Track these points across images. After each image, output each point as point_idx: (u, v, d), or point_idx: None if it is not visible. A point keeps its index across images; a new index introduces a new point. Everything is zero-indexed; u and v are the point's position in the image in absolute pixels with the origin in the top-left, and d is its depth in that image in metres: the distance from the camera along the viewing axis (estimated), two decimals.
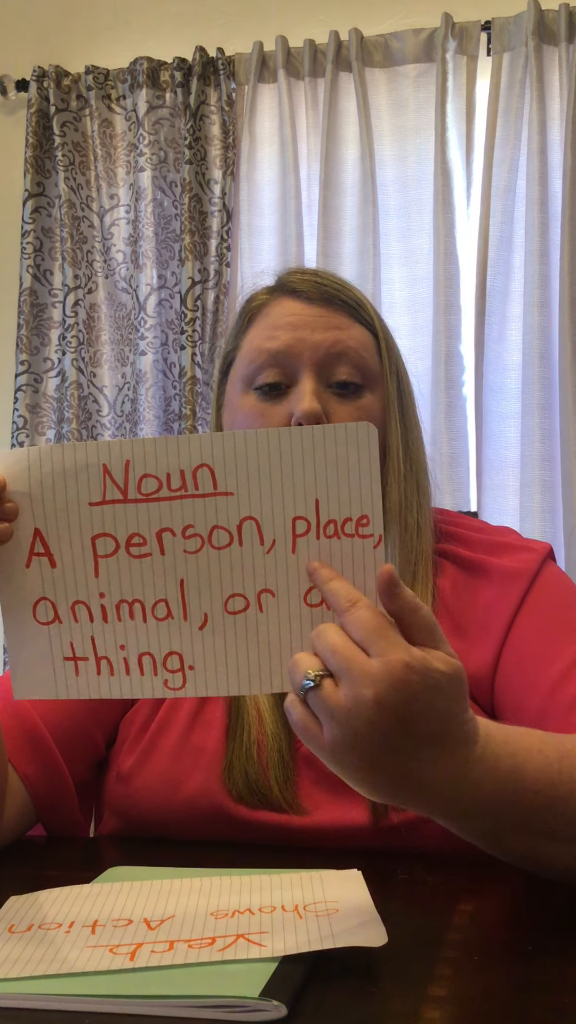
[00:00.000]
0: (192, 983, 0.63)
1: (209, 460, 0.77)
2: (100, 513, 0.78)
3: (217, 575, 0.78)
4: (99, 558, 0.78)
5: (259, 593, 0.78)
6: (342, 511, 0.77)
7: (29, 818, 1.04)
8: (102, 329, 2.92)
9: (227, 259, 2.84)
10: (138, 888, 0.82)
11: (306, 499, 0.77)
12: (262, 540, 0.77)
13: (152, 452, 0.77)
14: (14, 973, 0.66)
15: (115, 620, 0.79)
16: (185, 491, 0.77)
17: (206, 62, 2.86)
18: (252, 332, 1.12)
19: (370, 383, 1.10)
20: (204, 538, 0.77)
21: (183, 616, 0.78)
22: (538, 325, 2.58)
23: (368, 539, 0.77)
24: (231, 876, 0.84)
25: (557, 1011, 0.62)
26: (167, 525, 0.78)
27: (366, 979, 0.65)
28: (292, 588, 0.77)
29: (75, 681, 0.80)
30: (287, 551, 0.77)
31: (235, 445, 0.77)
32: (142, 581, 0.78)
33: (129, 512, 0.78)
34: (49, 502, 0.78)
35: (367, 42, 2.76)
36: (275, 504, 0.77)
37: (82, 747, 1.06)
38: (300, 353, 1.07)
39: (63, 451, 0.78)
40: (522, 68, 2.65)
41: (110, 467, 0.77)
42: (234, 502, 0.77)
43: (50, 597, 0.79)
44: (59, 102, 2.93)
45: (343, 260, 2.74)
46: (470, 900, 0.81)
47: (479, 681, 1.03)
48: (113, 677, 0.79)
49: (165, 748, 1.03)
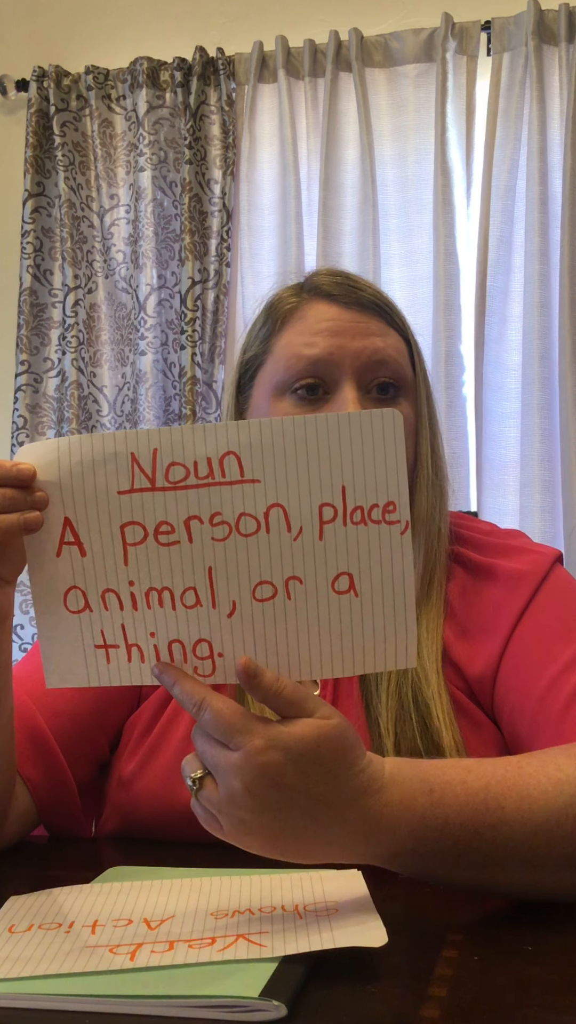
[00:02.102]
0: (192, 983, 0.63)
1: (236, 448, 0.77)
2: (128, 501, 0.78)
3: (245, 562, 0.78)
4: (128, 546, 0.79)
5: (287, 580, 0.78)
6: (368, 497, 0.77)
7: (32, 820, 1.04)
8: (102, 329, 2.92)
9: (227, 259, 2.84)
10: (138, 888, 0.82)
11: (332, 486, 0.77)
12: (289, 527, 0.77)
13: (179, 440, 0.77)
14: (14, 973, 0.66)
15: (144, 608, 0.79)
16: (212, 479, 0.77)
17: (206, 62, 2.86)
18: (286, 336, 1.10)
19: (405, 391, 1.09)
20: (232, 525, 0.78)
21: (212, 604, 0.78)
22: (538, 325, 2.58)
23: (395, 525, 0.77)
24: (231, 876, 0.84)
25: (557, 1011, 0.62)
26: (195, 513, 0.78)
27: (366, 979, 0.65)
28: (320, 575, 0.78)
29: (106, 669, 0.80)
30: (314, 538, 0.78)
31: (261, 432, 0.77)
32: (171, 569, 0.78)
33: (157, 500, 0.78)
34: (78, 491, 0.79)
35: (367, 42, 2.76)
36: (301, 491, 0.77)
37: (86, 749, 1.06)
38: (341, 361, 1.06)
39: (92, 441, 0.78)
40: (522, 68, 2.65)
41: (138, 456, 0.78)
42: (261, 489, 0.77)
43: (80, 586, 0.80)
44: (59, 102, 2.93)
45: (343, 260, 2.74)
46: (470, 900, 0.81)
47: (481, 682, 1.03)
48: (144, 664, 0.80)
49: (167, 753, 1.03)
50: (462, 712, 1.01)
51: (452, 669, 1.04)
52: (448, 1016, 0.61)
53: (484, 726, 1.01)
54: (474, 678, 1.04)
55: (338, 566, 0.78)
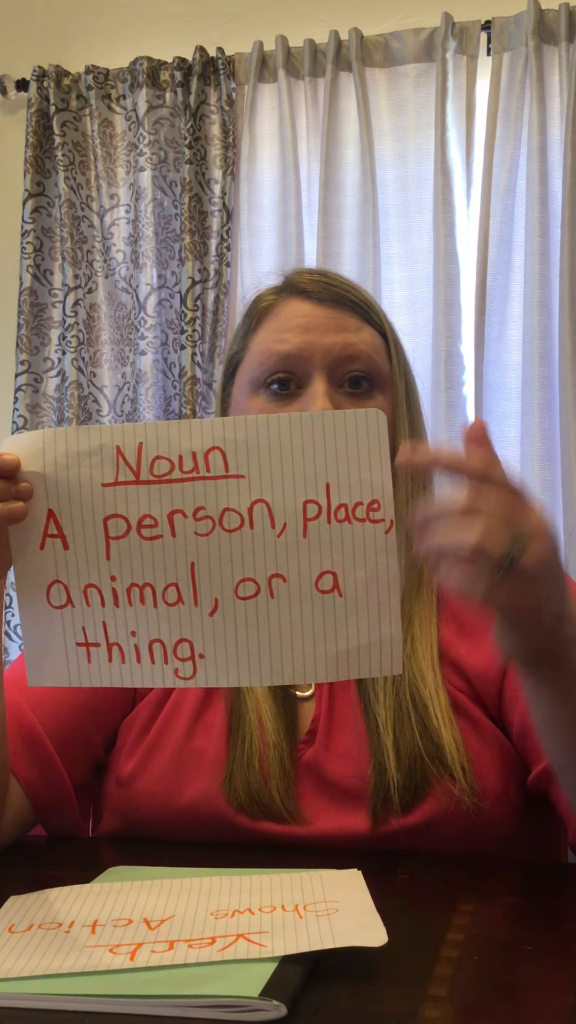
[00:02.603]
0: (192, 983, 0.63)
1: (221, 443, 0.77)
2: (112, 494, 0.78)
3: (228, 558, 0.78)
4: (111, 539, 0.79)
5: (270, 578, 0.78)
6: (353, 495, 0.77)
7: (28, 821, 1.03)
8: (102, 329, 2.92)
9: (227, 259, 2.84)
10: (138, 888, 0.82)
11: (317, 483, 0.77)
12: (273, 523, 0.78)
13: (165, 434, 0.78)
14: (14, 973, 0.66)
15: (126, 604, 0.79)
16: (197, 473, 0.78)
17: (206, 62, 2.86)
18: (261, 334, 1.11)
19: (380, 385, 1.09)
20: (215, 520, 0.78)
21: (193, 601, 0.78)
22: (538, 325, 2.58)
23: (379, 524, 0.78)
24: (231, 876, 0.84)
25: (556, 1011, 0.62)
26: (178, 507, 0.78)
27: (366, 979, 0.65)
28: (303, 573, 0.77)
29: (87, 668, 0.80)
30: (298, 534, 0.78)
31: (247, 429, 0.77)
32: (152, 564, 0.78)
33: (141, 493, 0.78)
34: (63, 483, 0.79)
35: (367, 42, 2.76)
36: (286, 487, 0.77)
37: (81, 750, 1.06)
38: (311, 356, 1.07)
39: (77, 433, 0.79)
40: (522, 68, 2.65)
41: (123, 448, 0.78)
42: (245, 485, 0.77)
43: (63, 580, 0.80)
44: (59, 102, 2.92)
45: (343, 260, 2.74)
46: (470, 900, 0.81)
47: (485, 682, 1.03)
48: (124, 665, 0.79)
49: (165, 752, 1.03)
50: (461, 712, 1.01)
51: (451, 669, 1.04)
52: (448, 1016, 0.61)
53: (484, 725, 1.01)
54: (476, 676, 1.03)
55: (322, 564, 0.78)
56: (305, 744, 1.02)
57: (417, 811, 0.95)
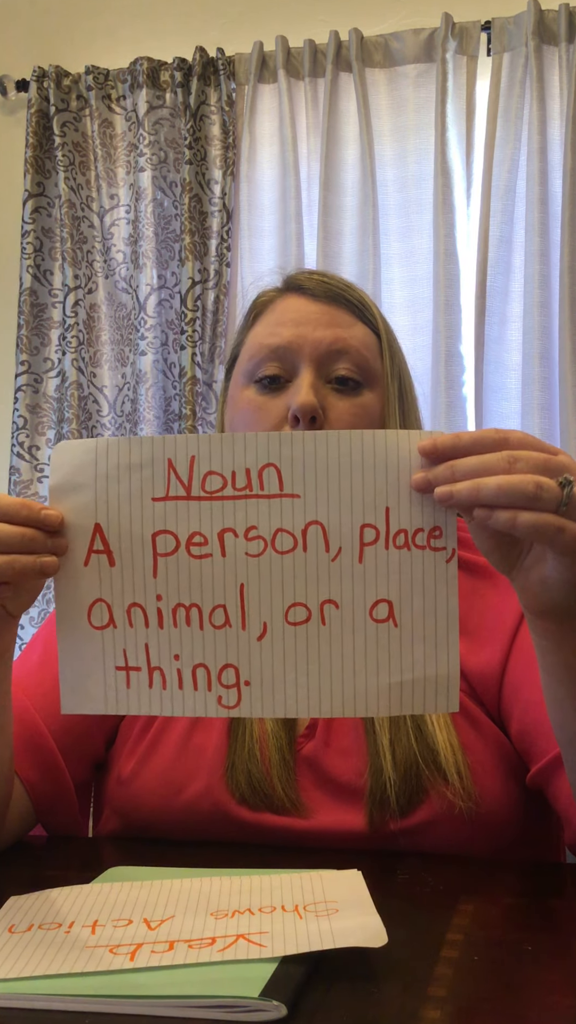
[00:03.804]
0: (192, 983, 0.63)
1: (276, 460, 0.74)
2: (163, 509, 0.75)
3: (279, 581, 0.74)
4: (159, 556, 0.75)
5: (322, 604, 0.74)
6: (414, 521, 0.73)
7: (29, 821, 1.04)
8: (102, 329, 2.92)
9: (227, 259, 2.84)
10: (138, 888, 0.82)
11: (376, 506, 0.74)
12: (327, 547, 0.74)
13: (219, 449, 0.75)
14: (14, 973, 0.66)
15: (171, 626, 0.76)
16: (250, 491, 0.75)
17: (206, 62, 2.86)
18: (256, 328, 1.13)
19: (370, 382, 1.09)
20: (267, 541, 0.75)
21: (241, 624, 0.75)
22: (538, 325, 2.58)
23: (440, 552, 0.74)
24: (231, 876, 0.84)
25: (556, 1012, 0.62)
26: (230, 525, 0.75)
27: (366, 979, 0.65)
28: (357, 600, 0.74)
29: (125, 694, 0.77)
30: (353, 560, 0.74)
31: (304, 446, 0.74)
32: (200, 584, 0.75)
33: (192, 509, 0.75)
34: (112, 495, 0.76)
35: (367, 42, 2.76)
36: (343, 510, 0.74)
37: (83, 749, 1.06)
38: (300, 348, 1.07)
39: (130, 444, 0.76)
40: (522, 68, 2.65)
41: (175, 462, 0.75)
42: (300, 505, 0.74)
43: (106, 599, 0.77)
44: (59, 102, 2.92)
45: (343, 260, 2.74)
46: (470, 900, 0.81)
47: (484, 681, 1.03)
48: (165, 691, 0.76)
49: (166, 750, 1.03)
50: (461, 712, 1.01)
51: None
52: (448, 1016, 0.61)
53: (484, 725, 1.01)
54: (476, 677, 1.03)
55: (378, 592, 0.74)
56: (304, 738, 1.02)
57: (414, 814, 0.95)
